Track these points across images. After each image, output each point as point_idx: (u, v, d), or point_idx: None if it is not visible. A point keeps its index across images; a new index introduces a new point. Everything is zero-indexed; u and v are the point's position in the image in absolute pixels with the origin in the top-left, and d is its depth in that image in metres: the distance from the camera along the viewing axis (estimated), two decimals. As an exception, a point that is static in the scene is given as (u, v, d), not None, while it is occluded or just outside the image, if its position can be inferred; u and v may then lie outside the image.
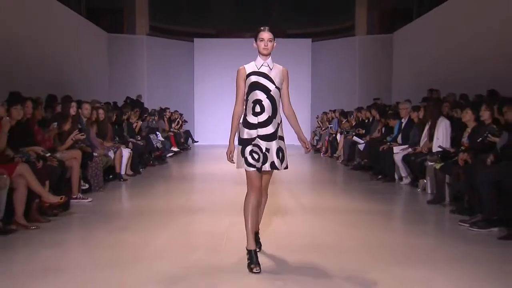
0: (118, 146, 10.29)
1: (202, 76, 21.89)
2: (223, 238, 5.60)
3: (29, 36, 11.99)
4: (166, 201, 8.16)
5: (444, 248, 5.33)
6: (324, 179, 11.05)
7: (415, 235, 5.90)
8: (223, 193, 8.99)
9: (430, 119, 8.74)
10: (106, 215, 7.01)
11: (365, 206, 7.69)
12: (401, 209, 8.02)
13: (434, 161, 8.02)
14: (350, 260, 4.81)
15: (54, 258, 4.89)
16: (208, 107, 21.75)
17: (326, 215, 6.96)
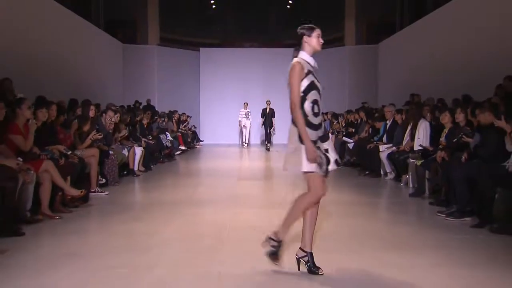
0: (131, 145, 10.33)
1: (207, 82, 21.89)
2: (226, 228, 5.62)
3: (54, 47, 12.10)
4: (174, 194, 8.17)
5: (424, 235, 5.37)
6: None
7: (398, 224, 5.94)
8: (226, 187, 8.99)
9: (412, 120, 8.76)
10: (121, 206, 7.03)
11: (353, 198, 7.72)
12: (386, 201, 8.04)
13: (415, 158, 8.06)
14: (339, 245, 4.85)
15: (76, 244, 4.94)
16: (213, 110, 21.76)
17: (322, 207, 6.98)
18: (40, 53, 11.08)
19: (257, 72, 21.85)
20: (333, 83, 20.91)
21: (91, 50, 15.32)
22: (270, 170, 12.65)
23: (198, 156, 16.26)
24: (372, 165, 10.25)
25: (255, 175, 11.33)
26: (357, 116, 13.40)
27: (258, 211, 6.71)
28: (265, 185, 9.74)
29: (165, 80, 20.71)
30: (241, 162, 14.42)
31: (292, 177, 10.31)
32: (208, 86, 21.87)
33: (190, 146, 17.85)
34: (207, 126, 21.57)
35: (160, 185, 9.18)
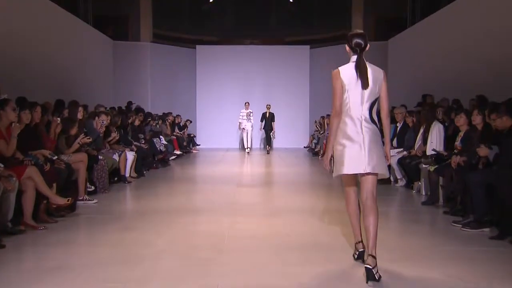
0: (123, 149, 10.30)
1: (204, 82, 21.88)
2: (224, 238, 5.60)
3: (38, 43, 12.01)
4: (168, 202, 8.15)
5: (437, 247, 5.33)
6: (322, 181, 11.03)
7: (410, 234, 5.91)
8: (224, 194, 8.98)
9: (424, 123, 8.74)
10: (111, 215, 7.01)
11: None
12: (397, 210, 8.00)
13: (428, 164, 8.03)
14: (345, 257, 4.81)
15: (61, 257, 4.90)
16: (210, 112, 21.75)
17: (324, 216, 6.95)
18: (22, 50, 10.96)
19: (257, 72, 21.87)
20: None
21: (79, 47, 15.27)
22: (271, 176, 12.63)
23: (194, 161, 16.23)
24: (381, 171, 10.20)
25: (255, 181, 11.33)
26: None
27: (258, 220, 6.70)
28: (266, 192, 9.74)
29: (159, 80, 20.70)
30: (240, 167, 14.39)
31: (295, 184, 10.30)
32: (205, 86, 21.87)
33: (185, 151, 17.83)
34: (204, 129, 21.55)
35: (153, 193, 9.17)
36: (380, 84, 4.35)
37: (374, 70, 4.37)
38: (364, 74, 4.29)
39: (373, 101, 4.29)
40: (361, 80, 4.27)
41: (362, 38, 4.41)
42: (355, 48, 4.38)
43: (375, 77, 4.33)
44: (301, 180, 11.32)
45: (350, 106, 4.26)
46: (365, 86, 4.26)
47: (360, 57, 4.35)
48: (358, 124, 4.24)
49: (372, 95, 4.29)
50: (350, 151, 4.22)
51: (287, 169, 13.54)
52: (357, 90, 4.27)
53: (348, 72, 4.31)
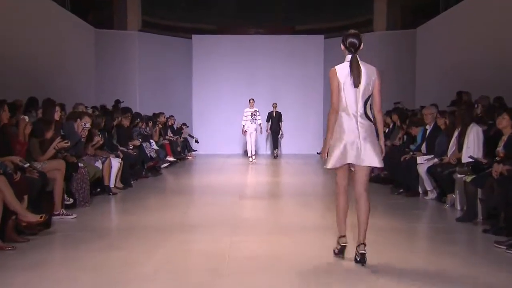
0: (107, 156, 10.27)
1: (202, 77, 21.93)
2: (225, 259, 5.56)
3: (6, 32, 11.97)
4: (160, 217, 8.11)
5: (477, 273, 5.24)
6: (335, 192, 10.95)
7: (443, 257, 5.82)
8: (225, 208, 8.96)
9: (459, 125, 8.67)
10: (93, 233, 6.97)
11: (385, 223, 7.62)
12: (426, 227, 7.94)
13: (464, 173, 7.95)
14: (367, 283, 4.76)
15: (33, 282, 4.84)
16: (208, 112, 21.79)
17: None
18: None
19: (263, 66, 21.91)
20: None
21: (54, 37, 15.25)
22: (279, 187, 12.60)
23: (190, 170, 16.19)
24: (408, 181, 10.19)
25: (260, 193, 11.32)
26: (388, 119, 13.30)
27: (264, 238, 6.67)
28: (272, 206, 9.71)
29: (149, 76, 20.75)
30: (243, 176, 14.35)
31: (307, 196, 10.25)
32: (203, 83, 21.92)
33: (180, 157, 17.86)
34: (201, 132, 21.57)
35: (142, 206, 9.17)
36: (374, 82, 5.40)
37: (367, 69, 5.41)
38: (356, 73, 5.33)
39: (367, 98, 5.35)
40: (353, 78, 5.32)
41: (357, 38, 5.51)
42: (349, 48, 5.49)
43: (368, 76, 5.37)
44: (314, 192, 11.26)
45: (346, 103, 5.33)
46: (356, 84, 5.31)
47: (354, 57, 5.42)
48: (353, 120, 5.31)
49: (366, 93, 5.34)
50: (346, 145, 5.27)
51: (297, 178, 13.49)
52: (352, 88, 5.32)
53: (344, 71, 5.37)
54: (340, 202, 5.60)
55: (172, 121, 19.35)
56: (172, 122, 19.40)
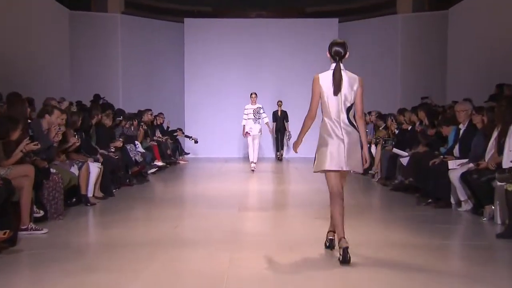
0: (84, 160, 10.25)
1: (195, 68, 22.00)
2: (222, 280, 5.57)
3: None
4: (147, 232, 8.12)
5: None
6: (355, 203, 10.93)
7: (481, 281, 5.78)
8: (222, 222, 8.96)
9: (499, 124, 8.63)
10: (67, 251, 6.94)
11: (410, 240, 7.62)
12: (460, 245, 7.92)
13: (505, 181, 7.91)
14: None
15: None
16: (204, 109, 21.82)
17: (359, 252, 6.86)
18: None
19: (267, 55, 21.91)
20: (379, 69, 20.83)
21: (22, 19, 15.16)
22: (285, 196, 12.61)
23: (182, 176, 16.20)
24: (437, 189, 10.18)
25: (263, 203, 11.34)
26: (414, 117, 13.28)
27: (268, 256, 6.66)
28: (277, 218, 9.72)
29: (134, 66, 20.80)
30: (243, 184, 14.34)
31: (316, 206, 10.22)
32: (196, 75, 21.96)
33: (170, 161, 17.88)
34: (195, 132, 21.48)
35: (126, 219, 9.16)
36: (356, 91, 6.46)
37: (350, 78, 6.50)
38: (337, 81, 6.40)
39: (349, 106, 6.44)
40: (333, 86, 6.40)
41: (342, 47, 6.58)
42: (334, 57, 6.51)
43: (350, 84, 6.46)
44: (325, 202, 11.04)
45: (330, 110, 6.44)
46: (335, 93, 6.40)
47: (338, 65, 6.46)
48: (338, 126, 6.41)
49: (347, 101, 6.43)
50: (332, 150, 6.38)
51: (306, 186, 13.44)
52: (334, 96, 6.42)
53: (327, 79, 6.46)
54: (336, 207, 6.53)
55: (161, 120, 19.34)
56: (161, 121, 19.39)
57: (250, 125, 16.77)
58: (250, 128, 16.75)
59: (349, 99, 6.42)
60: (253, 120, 16.78)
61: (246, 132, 16.84)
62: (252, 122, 16.77)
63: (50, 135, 9.37)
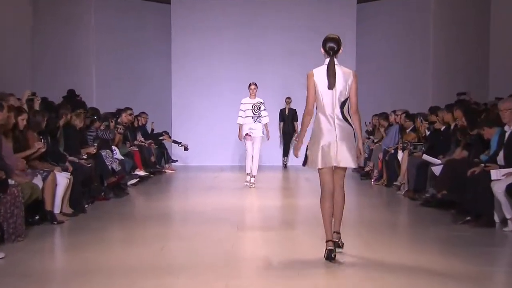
0: (50, 169, 10.22)
1: (184, 58, 21.97)
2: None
3: None
4: (126, 256, 8.13)
5: None
6: (377, 220, 10.98)
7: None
8: (216, 244, 8.99)
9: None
10: (29, 279, 6.91)
11: (444, 266, 7.63)
12: (506, 272, 7.88)
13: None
14: None
15: None
16: (194, 107, 21.81)
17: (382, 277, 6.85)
18: None
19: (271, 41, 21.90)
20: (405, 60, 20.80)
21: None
22: (292, 212, 12.62)
23: (168, 188, 16.20)
24: (477, 205, 10.14)
25: (266, 221, 11.32)
26: (449, 117, 13.25)
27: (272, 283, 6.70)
28: (282, 239, 9.71)
29: (110, 55, 20.77)
30: (242, 197, 14.29)
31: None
32: (185, 65, 21.94)
33: (154, 170, 17.92)
34: (184, 135, 21.48)
35: (101, 240, 9.17)
36: (350, 85, 7.70)
37: (344, 73, 7.74)
38: (331, 76, 7.61)
39: (343, 101, 7.68)
40: (327, 81, 7.61)
41: (335, 42, 7.78)
42: (328, 52, 7.75)
43: (344, 79, 7.69)
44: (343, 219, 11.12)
45: (324, 105, 7.68)
46: (330, 87, 7.61)
47: (331, 60, 7.70)
48: (331, 122, 7.65)
49: (341, 96, 7.67)
50: (324, 146, 7.59)
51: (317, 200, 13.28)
52: (328, 91, 7.64)
53: (321, 74, 7.70)
54: (325, 206, 7.73)
55: (143, 120, 19.29)
56: (144, 122, 19.34)
57: (249, 125, 15.63)
58: (250, 128, 15.60)
59: (344, 94, 7.68)
60: (253, 118, 15.63)
61: (246, 135, 15.67)
62: (251, 120, 15.63)
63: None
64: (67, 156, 11.45)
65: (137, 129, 18.37)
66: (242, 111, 15.73)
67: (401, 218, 11.94)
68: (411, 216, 11.84)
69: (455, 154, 11.91)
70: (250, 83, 15.98)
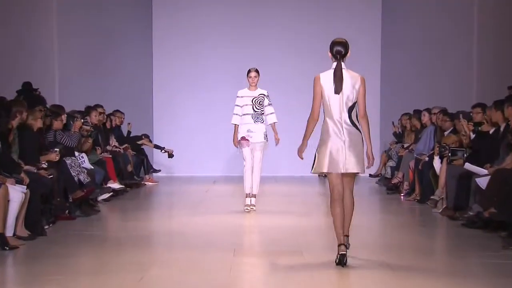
0: (1, 181, 10.16)
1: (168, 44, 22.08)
2: None
3: None
4: None
5: None
6: (407, 245, 10.99)
7: None
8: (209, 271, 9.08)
9: None
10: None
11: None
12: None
13: None
14: None
15: None
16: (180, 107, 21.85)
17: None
18: None
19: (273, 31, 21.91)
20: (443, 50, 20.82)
21: None
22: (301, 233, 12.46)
23: (149, 204, 16.25)
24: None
25: (269, 245, 11.40)
26: (498, 116, 13.20)
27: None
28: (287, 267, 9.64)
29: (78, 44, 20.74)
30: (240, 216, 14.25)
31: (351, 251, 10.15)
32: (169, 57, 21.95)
33: (131, 183, 17.97)
34: (168, 140, 21.53)
35: (64, 268, 9.17)
36: (358, 90, 9.01)
37: (351, 77, 9.03)
38: (338, 80, 8.92)
39: (351, 106, 8.98)
40: (334, 86, 8.91)
41: (343, 46, 9.07)
42: (336, 55, 9.02)
43: (352, 84, 8.99)
44: (365, 241, 11.16)
45: (331, 109, 8.98)
46: (337, 91, 8.91)
47: (339, 64, 8.98)
48: (339, 126, 8.97)
49: (349, 100, 8.98)
50: (332, 151, 8.92)
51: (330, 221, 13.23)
52: (336, 96, 8.94)
53: (328, 78, 8.99)
54: (336, 211, 9.05)
55: (118, 121, 19.22)
56: (118, 122, 19.26)
57: (247, 126, 14.35)
58: (248, 131, 14.28)
59: (351, 99, 9.03)
60: (253, 117, 14.35)
61: (241, 138, 14.35)
62: (250, 120, 14.36)
63: None
64: (22, 165, 11.39)
65: (110, 132, 18.30)
66: (239, 107, 14.48)
67: (437, 243, 11.96)
68: (450, 240, 11.87)
69: (506, 163, 11.84)
70: (250, 70, 14.68)
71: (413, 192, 15.65)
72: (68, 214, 12.81)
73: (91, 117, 16.67)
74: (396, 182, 17.18)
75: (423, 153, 15.66)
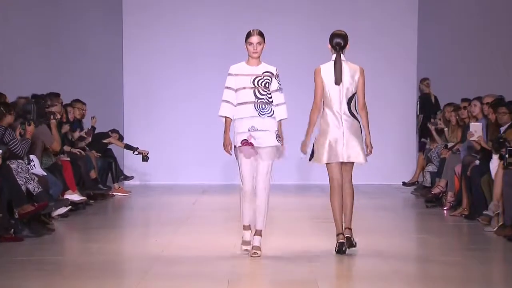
0: None
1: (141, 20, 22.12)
2: None
3: None
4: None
5: None
6: (453, 274, 10.91)
7: None
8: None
9: None
10: None
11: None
12: None
13: None
14: None
15: None
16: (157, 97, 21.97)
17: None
18: None
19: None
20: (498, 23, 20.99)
21: None
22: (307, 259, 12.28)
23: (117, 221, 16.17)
24: None
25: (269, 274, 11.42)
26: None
27: None
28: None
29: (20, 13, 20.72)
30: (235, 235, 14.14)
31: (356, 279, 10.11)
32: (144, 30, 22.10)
33: (96, 193, 17.96)
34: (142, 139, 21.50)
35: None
36: (357, 81, 11.48)
37: (350, 68, 11.48)
38: (338, 71, 11.33)
39: (350, 97, 11.46)
40: (334, 77, 11.34)
41: (342, 38, 11.51)
42: (335, 47, 11.47)
43: (351, 75, 11.45)
44: (396, 271, 11.12)
45: (331, 101, 11.47)
46: (337, 82, 11.33)
47: (338, 55, 11.42)
48: (338, 117, 11.46)
49: (349, 91, 11.45)
50: (331, 142, 11.36)
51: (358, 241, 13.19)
52: (335, 87, 11.39)
53: (328, 70, 11.46)
54: (335, 202, 11.50)
55: (78, 113, 19.15)
56: (79, 115, 19.20)
57: (248, 121, 11.83)
58: (251, 129, 11.75)
59: (351, 90, 11.48)
60: (256, 107, 11.83)
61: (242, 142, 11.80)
62: (252, 111, 11.85)
63: None
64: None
65: (71, 126, 18.20)
66: (232, 90, 12.05)
67: (492, 270, 11.86)
68: (509, 266, 11.78)
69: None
70: (250, 32, 12.01)
71: (459, 205, 15.56)
72: (14, 234, 12.73)
73: (48, 109, 16.55)
74: (438, 192, 17.13)
75: (472, 154, 15.55)
